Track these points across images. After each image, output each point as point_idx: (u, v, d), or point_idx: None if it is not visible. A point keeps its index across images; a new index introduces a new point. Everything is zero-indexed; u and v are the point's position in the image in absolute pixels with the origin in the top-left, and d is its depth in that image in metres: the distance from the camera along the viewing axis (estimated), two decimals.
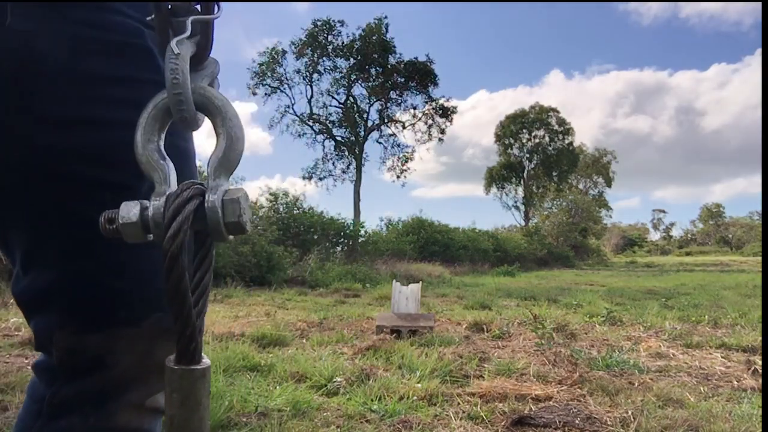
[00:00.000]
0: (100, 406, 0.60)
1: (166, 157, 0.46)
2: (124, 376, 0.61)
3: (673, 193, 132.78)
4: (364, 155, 27.03)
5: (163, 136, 0.48)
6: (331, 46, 26.22)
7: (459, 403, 2.58)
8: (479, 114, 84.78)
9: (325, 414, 2.40)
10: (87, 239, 0.59)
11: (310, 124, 27.28)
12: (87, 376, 0.60)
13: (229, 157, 0.45)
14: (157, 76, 0.63)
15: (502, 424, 2.31)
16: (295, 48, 26.08)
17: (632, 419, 2.33)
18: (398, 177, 27.88)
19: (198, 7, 0.48)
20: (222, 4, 0.48)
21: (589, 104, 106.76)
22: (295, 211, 13.77)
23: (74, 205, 0.59)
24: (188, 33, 0.45)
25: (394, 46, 26.39)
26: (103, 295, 0.60)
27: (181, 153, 0.66)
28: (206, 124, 0.49)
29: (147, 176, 0.46)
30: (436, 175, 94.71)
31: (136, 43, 0.63)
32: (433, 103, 27.40)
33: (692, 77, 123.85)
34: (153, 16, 0.47)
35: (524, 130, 37.92)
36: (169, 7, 0.47)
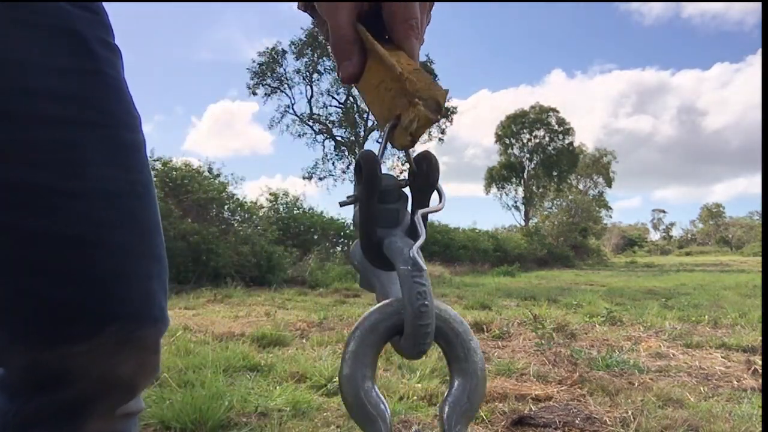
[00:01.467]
0: (66, 420, 0.56)
1: (383, 397, 0.37)
2: (87, 391, 0.56)
3: (674, 193, 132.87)
4: None
5: (376, 368, 0.38)
6: None
7: None
8: (480, 114, 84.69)
9: (325, 414, 2.40)
10: (26, 252, 0.52)
11: (310, 124, 27.28)
12: (48, 392, 0.55)
13: (473, 403, 0.36)
14: (88, 65, 0.56)
15: (502, 424, 2.31)
16: (295, 48, 26.07)
17: (632, 419, 2.33)
18: (398, 177, 27.89)
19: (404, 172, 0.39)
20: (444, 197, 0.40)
21: (590, 104, 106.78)
22: (295, 211, 13.77)
23: (6, 215, 0.52)
24: (424, 237, 0.36)
25: None
26: (52, 311, 0.53)
27: (128, 146, 0.59)
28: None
29: (358, 425, 0.36)
30: None
31: (65, 27, 0.55)
32: None
33: (694, 77, 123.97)
34: (351, 198, 0.39)
35: (524, 130, 37.89)
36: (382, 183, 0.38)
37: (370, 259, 0.39)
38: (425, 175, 0.39)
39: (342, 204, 0.40)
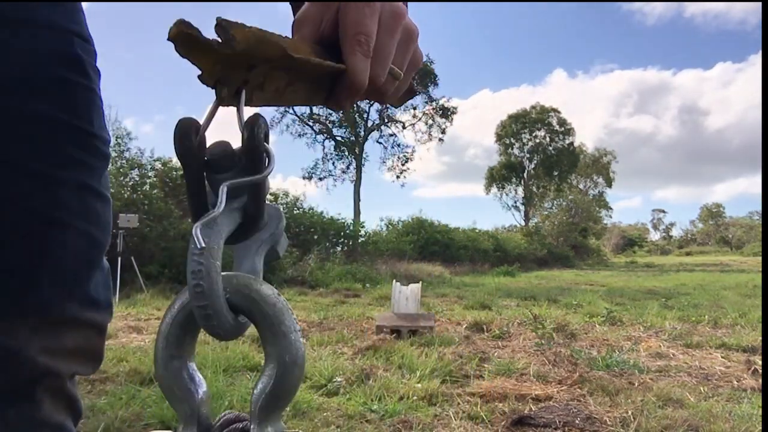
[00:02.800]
0: (14, 396, 0.55)
1: (199, 379, 0.35)
2: (33, 363, 0.56)
3: (675, 192, 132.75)
4: (364, 155, 27.04)
5: (194, 347, 0.36)
6: None
7: (459, 403, 2.58)
8: (481, 113, 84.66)
9: (325, 414, 2.40)
10: None
11: (310, 124, 27.29)
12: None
13: (280, 392, 0.34)
14: (85, 81, 0.60)
15: (502, 424, 2.31)
16: None
17: (632, 419, 2.33)
18: (398, 177, 27.93)
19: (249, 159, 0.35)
20: (272, 159, 0.37)
21: (592, 103, 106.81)
22: (295, 211, 13.79)
23: None
24: (221, 208, 0.33)
25: None
26: (11, 281, 0.54)
27: (103, 157, 0.62)
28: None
29: (170, 404, 0.35)
30: (438, 175, 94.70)
31: (66, 51, 0.59)
32: (433, 104, 27.43)
33: (696, 76, 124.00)
34: (183, 164, 0.36)
35: (525, 130, 37.90)
36: (206, 159, 0.35)
37: None
38: (246, 139, 0.36)
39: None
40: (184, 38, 0.32)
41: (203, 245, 0.32)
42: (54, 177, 0.56)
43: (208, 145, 0.36)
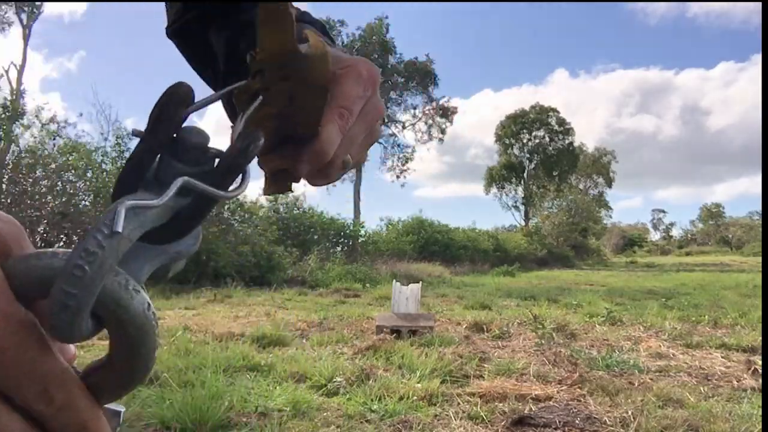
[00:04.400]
0: None
1: None
2: None
3: (676, 192, 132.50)
4: None
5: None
6: None
7: (459, 403, 2.58)
8: (483, 113, 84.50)
9: (325, 414, 2.40)
10: None
11: None
12: None
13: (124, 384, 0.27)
14: None
15: (502, 424, 2.31)
16: None
17: (632, 419, 2.33)
18: (398, 177, 27.97)
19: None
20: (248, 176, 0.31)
21: (594, 103, 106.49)
22: (295, 211, 13.79)
23: None
24: (164, 200, 0.27)
25: (395, 47, 26.46)
26: None
27: None
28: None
29: None
30: (439, 175, 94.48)
31: None
32: (433, 104, 27.47)
33: (698, 76, 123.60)
34: (149, 130, 0.29)
35: (524, 130, 37.92)
36: (175, 137, 0.30)
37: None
38: (238, 150, 0.30)
39: (134, 133, 0.30)
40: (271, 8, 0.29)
41: (119, 231, 0.24)
42: None
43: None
